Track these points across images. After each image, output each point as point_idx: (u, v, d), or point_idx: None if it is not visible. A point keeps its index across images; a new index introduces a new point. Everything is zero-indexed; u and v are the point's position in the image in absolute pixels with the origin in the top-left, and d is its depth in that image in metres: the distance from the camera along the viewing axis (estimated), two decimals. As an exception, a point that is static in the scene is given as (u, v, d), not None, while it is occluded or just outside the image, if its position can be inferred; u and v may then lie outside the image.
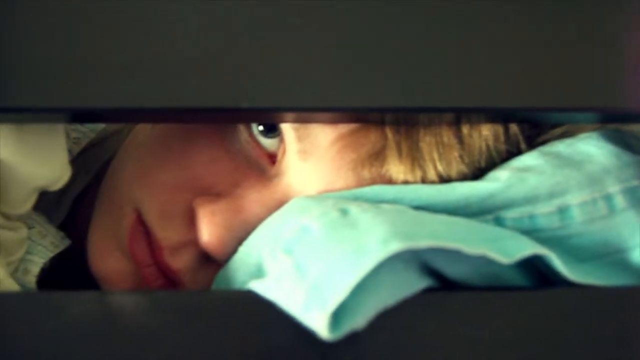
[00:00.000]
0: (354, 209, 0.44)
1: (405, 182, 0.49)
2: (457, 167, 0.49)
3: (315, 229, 0.43)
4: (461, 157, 0.49)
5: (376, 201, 0.48)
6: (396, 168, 0.49)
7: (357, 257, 0.40)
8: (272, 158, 0.53)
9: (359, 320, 0.40)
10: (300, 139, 0.50)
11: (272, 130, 0.52)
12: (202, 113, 0.47)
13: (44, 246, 0.57)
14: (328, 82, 0.45)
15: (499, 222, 0.48)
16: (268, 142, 0.53)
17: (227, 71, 0.44)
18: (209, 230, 0.50)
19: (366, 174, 0.49)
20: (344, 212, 0.44)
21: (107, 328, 0.42)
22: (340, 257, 0.40)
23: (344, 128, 0.49)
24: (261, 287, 0.42)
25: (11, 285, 0.50)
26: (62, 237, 0.59)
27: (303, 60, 0.45)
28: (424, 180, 0.49)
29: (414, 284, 0.43)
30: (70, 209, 0.65)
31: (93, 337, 0.42)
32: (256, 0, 0.45)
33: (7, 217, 0.51)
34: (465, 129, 0.49)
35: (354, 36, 0.45)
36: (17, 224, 0.53)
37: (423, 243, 0.40)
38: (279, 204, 0.51)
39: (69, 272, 0.60)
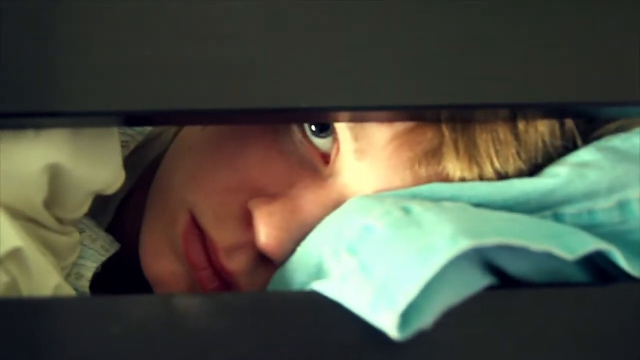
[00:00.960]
0: (416, 207, 0.44)
1: (462, 180, 0.49)
2: (514, 164, 0.49)
3: (378, 229, 0.43)
4: (518, 153, 0.49)
5: (434, 199, 0.47)
6: (453, 165, 0.49)
7: (425, 256, 0.40)
8: (325, 158, 0.53)
9: (427, 319, 0.40)
10: (356, 138, 0.50)
11: (324, 129, 0.52)
12: (259, 114, 0.47)
13: (96, 250, 0.57)
14: (384, 80, 0.45)
15: (557, 218, 0.47)
16: (321, 142, 0.52)
17: (283, 71, 0.44)
18: (266, 231, 0.50)
19: (423, 172, 0.49)
20: (407, 211, 0.44)
21: (171, 331, 0.42)
22: (407, 256, 0.40)
23: (400, 126, 0.49)
24: (325, 288, 0.42)
25: (68, 290, 0.50)
26: (111, 241, 0.59)
27: (359, 59, 0.45)
28: (481, 177, 0.49)
29: (478, 281, 0.42)
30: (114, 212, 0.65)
31: (157, 340, 0.42)
32: (310, 1, 0.45)
33: (60, 221, 0.51)
34: (521, 125, 0.49)
35: (410, 34, 0.45)
36: (69, 229, 0.53)
37: (490, 240, 0.40)
38: (335, 203, 0.50)
39: (115, 276, 0.60)
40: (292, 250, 0.50)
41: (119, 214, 0.64)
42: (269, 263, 0.52)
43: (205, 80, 0.44)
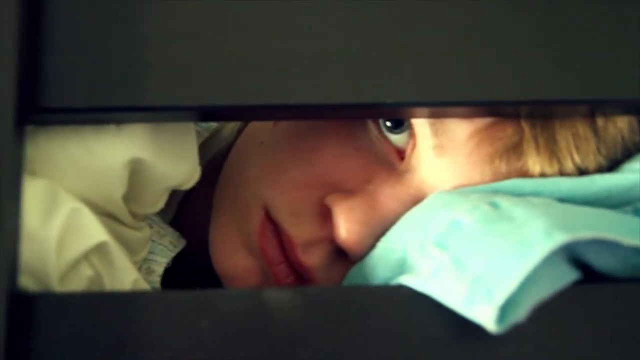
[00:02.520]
0: (504, 202, 0.44)
1: (542, 175, 0.49)
2: (594, 159, 0.49)
3: (468, 223, 0.43)
4: (598, 149, 0.49)
5: (515, 194, 0.47)
6: (534, 161, 0.49)
7: (521, 250, 0.40)
8: (400, 154, 0.53)
9: (521, 313, 0.40)
10: (436, 134, 0.50)
11: (399, 125, 0.52)
12: (339, 110, 0.47)
13: (165, 246, 0.57)
14: (463, 76, 0.45)
15: (638, 213, 0.48)
16: (396, 138, 0.52)
17: (364, 67, 0.44)
18: (347, 226, 0.50)
19: (503, 167, 0.49)
20: (495, 206, 0.44)
21: (260, 325, 0.42)
22: (503, 251, 0.40)
23: (480, 122, 0.49)
24: (415, 282, 0.42)
25: (144, 285, 0.50)
26: (178, 237, 0.59)
27: (438, 56, 0.45)
28: (561, 173, 0.49)
29: (567, 276, 0.42)
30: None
31: (246, 333, 0.42)
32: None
33: (134, 216, 0.51)
34: (600, 121, 0.49)
35: (490, 31, 0.45)
36: (141, 224, 0.53)
37: (585, 235, 0.40)
38: (414, 199, 0.51)
39: (176, 270, 0.60)
40: (371, 246, 0.50)
41: (180, 210, 0.64)
42: (344, 258, 0.53)
43: (285, 75, 0.44)
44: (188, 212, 0.64)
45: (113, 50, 0.44)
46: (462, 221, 0.43)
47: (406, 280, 0.43)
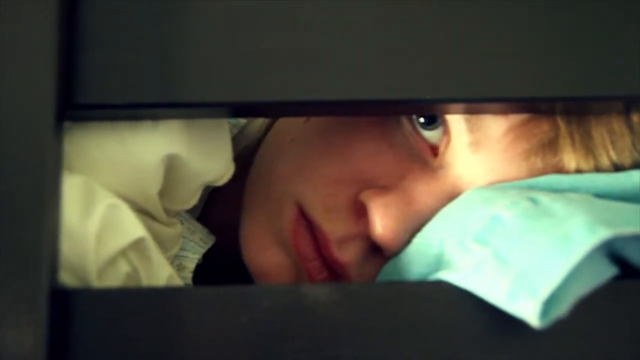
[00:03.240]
0: (542, 198, 0.44)
1: (578, 171, 0.49)
2: (630, 155, 0.49)
3: (508, 219, 0.43)
4: (633, 144, 0.49)
5: (551, 190, 0.47)
6: (569, 157, 0.49)
7: (564, 245, 0.39)
8: (434, 150, 0.53)
9: (564, 307, 0.40)
10: (472, 130, 0.50)
11: (432, 122, 0.52)
12: (374, 106, 0.47)
13: (195, 242, 0.57)
14: (499, 72, 0.45)
15: (673, 209, 0.48)
16: (429, 134, 0.53)
17: (399, 64, 0.44)
18: (383, 222, 0.50)
19: (539, 163, 0.49)
20: (534, 201, 0.44)
21: (300, 321, 0.42)
22: (545, 246, 0.40)
23: (515, 118, 0.49)
24: (455, 277, 0.42)
25: (178, 281, 0.50)
26: (207, 233, 0.59)
27: (473, 52, 0.45)
28: (597, 169, 0.49)
29: (606, 271, 0.42)
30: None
31: (286, 329, 0.42)
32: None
33: (166, 213, 0.51)
34: (635, 117, 0.49)
35: (525, 27, 0.45)
36: (173, 220, 0.53)
37: (627, 230, 0.40)
38: (449, 195, 0.51)
39: (206, 267, 0.61)
40: (406, 242, 0.50)
41: (206, 206, 0.64)
42: (377, 254, 0.53)
43: (320, 72, 0.44)
44: (215, 208, 0.64)
45: (149, 46, 0.44)
46: (502, 217, 0.43)
47: (446, 275, 0.43)
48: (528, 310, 0.39)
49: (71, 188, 0.43)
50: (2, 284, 0.40)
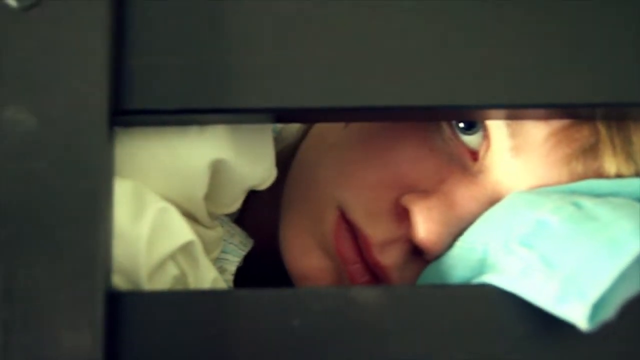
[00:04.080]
0: (586, 202, 0.45)
1: (618, 176, 0.49)
2: None
3: (554, 223, 0.44)
4: None
5: (592, 195, 0.48)
6: (610, 162, 0.49)
7: (612, 249, 0.40)
8: (473, 155, 0.53)
9: (611, 311, 0.40)
10: (513, 135, 0.51)
11: (472, 127, 0.53)
12: (416, 111, 0.48)
13: (235, 245, 0.58)
14: (540, 78, 0.45)
15: None
16: (468, 139, 0.53)
17: (442, 69, 0.45)
18: (426, 226, 0.51)
19: (579, 168, 0.50)
20: (579, 206, 0.45)
21: (350, 323, 0.43)
22: (593, 250, 0.41)
23: (556, 123, 0.50)
24: (501, 281, 0.43)
25: (222, 284, 0.51)
26: (246, 236, 0.60)
27: (514, 58, 0.45)
28: (637, 174, 0.49)
29: (650, 276, 0.43)
30: None
31: (336, 332, 0.43)
32: (470, 1, 0.45)
33: (209, 216, 0.52)
34: (675, 123, 0.50)
35: (565, 33, 0.45)
36: (215, 223, 0.54)
37: (674, 234, 0.41)
38: (490, 199, 0.51)
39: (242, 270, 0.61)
40: (448, 245, 0.51)
41: (242, 210, 0.65)
42: (418, 258, 0.53)
43: (363, 78, 0.45)
44: (250, 211, 0.65)
45: (196, 51, 0.44)
46: (548, 221, 0.44)
47: (491, 279, 0.43)
48: (577, 313, 0.40)
49: (122, 192, 0.44)
50: (59, 286, 0.41)
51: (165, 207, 0.45)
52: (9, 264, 0.41)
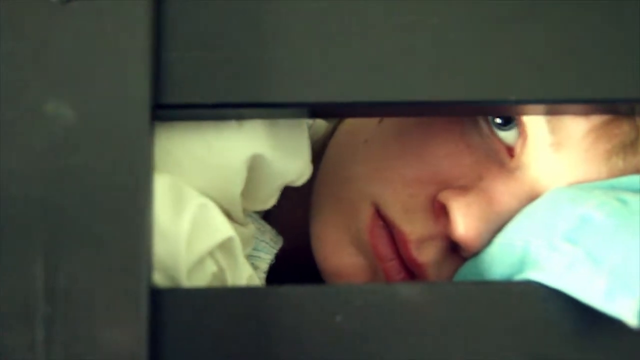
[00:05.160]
0: (630, 198, 0.45)
1: None
2: None
3: (598, 219, 0.43)
4: None
5: (633, 190, 0.48)
6: (650, 158, 0.49)
7: (659, 245, 0.40)
8: (510, 151, 0.53)
9: (659, 307, 0.40)
10: (553, 131, 0.50)
11: (508, 122, 0.53)
12: (460, 106, 0.47)
13: (267, 242, 0.58)
14: (580, 74, 0.45)
15: None
16: (505, 135, 0.53)
17: (480, 65, 0.45)
18: (465, 222, 0.50)
19: (620, 164, 0.49)
20: (623, 201, 0.44)
21: (393, 319, 0.43)
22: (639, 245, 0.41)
23: (596, 119, 0.50)
24: (546, 277, 0.42)
25: (257, 281, 0.51)
26: (276, 234, 0.60)
27: (556, 53, 0.45)
28: (678, 170, 0.49)
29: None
30: None
31: (379, 328, 0.42)
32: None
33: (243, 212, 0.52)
34: None
35: (605, 29, 0.45)
36: (247, 220, 0.54)
37: None
38: (528, 196, 0.51)
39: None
40: (487, 242, 0.51)
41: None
42: (454, 255, 0.53)
43: (400, 72, 0.45)
44: (277, 208, 0.64)
45: (233, 45, 0.44)
46: (592, 216, 0.44)
47: (535, 275, 0.43)
48: (626, 309, 0.39)
49: (160, 188, 0.44)
50: (101, 282, 0.40)
51: (205, 203, 0.45)
52: (50, 260, 0.40)
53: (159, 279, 0.43)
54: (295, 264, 0.61)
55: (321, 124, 0.67)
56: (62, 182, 0.41)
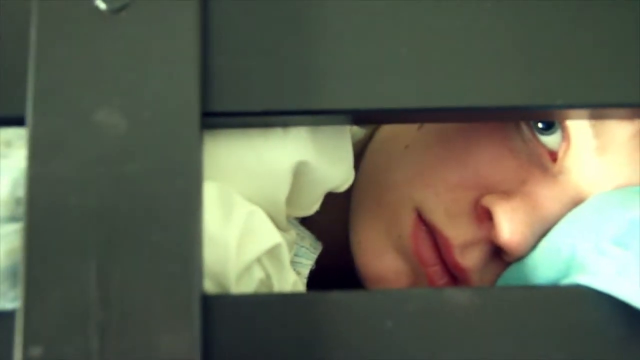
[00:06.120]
0: (679, 201, 0.45)
1: None
2: None
3: (648, 223, 0.44)
4: None
5: (677, 194, 0.48)
6: (694, 161, 0.49)
7: None
8: (552, 155, 0.53)
9: None
10: (597, 135, 0.50)
11: (550, 127, 0.53)
12: (502, 112, 0.47)
13: (307, 248, 0.58)
14: (625, 78, 0.45)
15: None
16: (547, 139, 0.53)
17: (523, 68, 0.45)
18: (511, 227, 0.50)
19: (665, 167, 0.50)
20: (672, 205, 0.44)
21: (443, 325, 0.43)
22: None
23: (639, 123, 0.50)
24: (595, 281, 0.42)
25: (301, 287, 0.51)
26: (315, 239, 0.60)
27: (601, 57, 0.45)
28: None
29: None
30: None
31: (430, 333, 0.42)
32: (553, 1, 0.45)
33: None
34: None
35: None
36: (288, 226, 0.54)
37: None
38: (573, 200, 0.51)
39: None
40: (531, 246, 0.51)
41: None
42: (497, 259, 0.53)
43: (442, 78, 0.45)
44: (314, 214, 0.64)
45: (279, 52, 0.44)
46: (641, 220, 0.44)
47: (584, 279, 0.43)
48: (679, 313, 0.39)
49: (208, 195, 0.44)
50: (154, 289, 0.40)
51: (253, 210, 0.45)
52: (103, 268, 0.41)
53: (208, 285, 0.44)
54: (331, 270, 0.61)
55: (357, 130, 0.67)
56: (114, 190, 0.41)
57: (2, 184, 0.41)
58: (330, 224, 0.62)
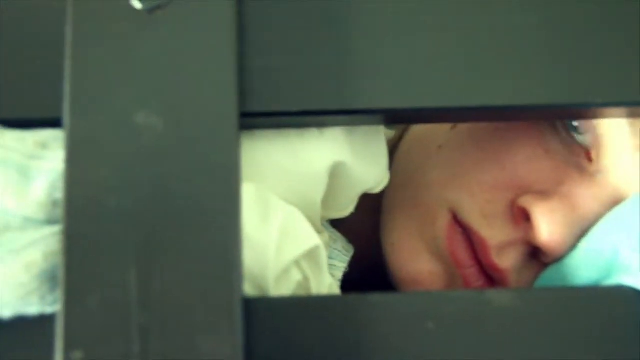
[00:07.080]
0: None
1: None
2: None
3: (693, 223, 0.43)
4: None
5: None
6: None
7: None
8: (587, 154, 0.53)
9: None
10: (636, 134, 0.50)
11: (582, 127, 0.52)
12: (538, 111, 0.47)
13: (339, 250, 0.57)
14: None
15: None
16: (582, 139, 0.52)
17: (559, 66, 0.44)
18: (550, 228, 0.50)
19: (703, 164, 0.49)
20: None
21: (485, 326, 0.42)
22: None
23: (678, 121, 0.49)
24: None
25: (336, 289, 0.50)
26: (347, 242, 0.59)
27: (638, 55, 0.44)
28: None
29: None
30: None
31: (471, 335, 0.42)
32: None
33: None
34: None
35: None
36: (322, 228, 0.53)
37: None
38: (612, 200, 0.50)
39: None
40: (570, 247, 0.50)
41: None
42: (535, 260, 0.52)
43: (477, 77, 0.44)
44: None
45: (315, 51, 0.44)
46: (686, 220, 0.43)
47: (629, 280, 0.42)
48: None
49: (247, 196, 0.43)
50: (195, 291, 0.40)
51: (291, 211, 0.44)
52: (143, 270, 0.40)
53: (247, 287, 0.43)
54: (362, 271, 0.60)
55: (387, 131, 0.66)
56: (153, 192, 0.41)
57: (38, 186, 0.41)
58: (361, 226, 0.61)
